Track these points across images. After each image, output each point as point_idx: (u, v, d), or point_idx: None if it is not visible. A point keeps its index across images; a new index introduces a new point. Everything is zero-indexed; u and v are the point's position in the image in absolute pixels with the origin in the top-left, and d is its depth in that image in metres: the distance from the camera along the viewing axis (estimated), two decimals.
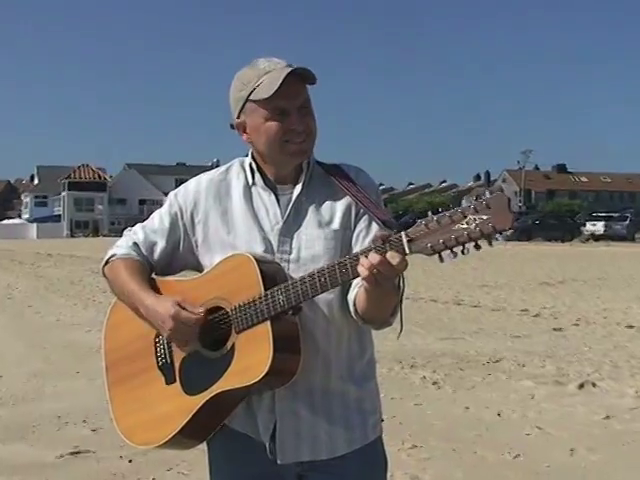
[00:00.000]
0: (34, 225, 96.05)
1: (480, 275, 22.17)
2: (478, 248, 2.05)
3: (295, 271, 2.40)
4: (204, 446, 2.58)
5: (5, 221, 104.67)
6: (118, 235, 2.93)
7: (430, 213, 2.10)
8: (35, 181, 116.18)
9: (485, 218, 2.01)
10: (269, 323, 2.29)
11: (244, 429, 2.47)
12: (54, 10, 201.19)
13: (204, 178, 2.59)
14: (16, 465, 5.68)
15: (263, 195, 2.50)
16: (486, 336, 11.33)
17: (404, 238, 2.11)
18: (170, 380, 2.47)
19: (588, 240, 55.39)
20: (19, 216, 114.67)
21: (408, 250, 2.11)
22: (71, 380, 8.51)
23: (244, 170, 2.54)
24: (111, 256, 2.59)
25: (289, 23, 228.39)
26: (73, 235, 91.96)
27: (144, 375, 2.53)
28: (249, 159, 2.54)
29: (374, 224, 2.42)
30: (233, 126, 2.50)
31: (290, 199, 2.47)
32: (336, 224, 2.45)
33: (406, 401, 7.41)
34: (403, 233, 2.12)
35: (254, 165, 2.52)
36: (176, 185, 2.75)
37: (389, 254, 2.12)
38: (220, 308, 2.39)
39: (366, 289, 2.22)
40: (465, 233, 2.03)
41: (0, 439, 6.32)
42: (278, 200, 2.49)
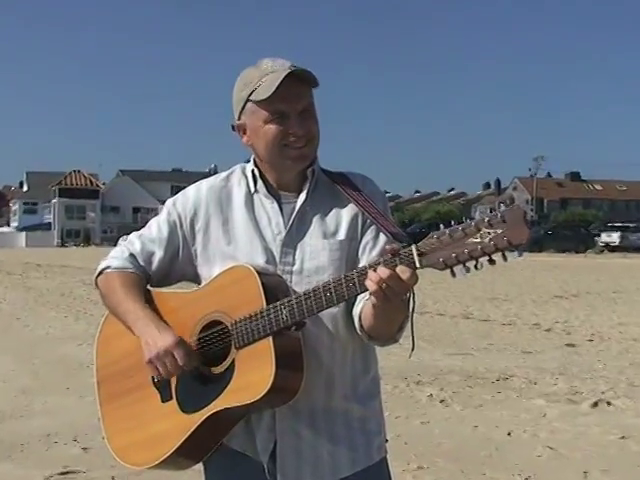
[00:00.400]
0: (23, 234, 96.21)
1: (490, 287, 22.14)
2: (492, 263, 2.04)
3: (298, 283, 2.40)
4: (200, 466, 2.57)
5: None
6: (111, 244, 2.93)
7: (442, 226, 2.10)
8: (24, 187, 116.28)
9: (500, 232, 2.01)
10: (271, 339, 2.29)
11: (242, 448, 2.47)
12: (42, 9, 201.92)
13: (204, 185, 2.59)
14: None
15: (265, 203, 2.50)
16: (496, 352, 11.31)
17: (415, 252, 2.11)
18: (166, 397, 2.47)
19: (603, 251, 55.36)
20: (7, 224, 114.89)
21: (419, 264, 2.11)
22: (61, 396, 8.49)
23: (246, 177, 2.54)
24: (105, 267, 2.58)
25: (291, 27, 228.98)
26: (64, 244, 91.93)
27: (138, 392, 2.52)
28: (251, 165, 2.54)
29: (381, 235, 2.43)
30: (234, 127, 2.51)
31: (294, 208, 2.47)
32: (342, 235, 2.45)
33: (412, 420, 7.40)
34: (414, 246, 2.12)
35: (256, 172, 2.52)
36: (172, 192, 2.75)
37: (399, 268, 2.12)
38: (219, 323, 2.39)
39: (374, 304, 2.22)
40: (479, 247, 2.03)
41: None
42: (281, 209, 2.49)
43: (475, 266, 2.06)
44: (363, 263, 2.38)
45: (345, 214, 2.47)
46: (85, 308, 17.28)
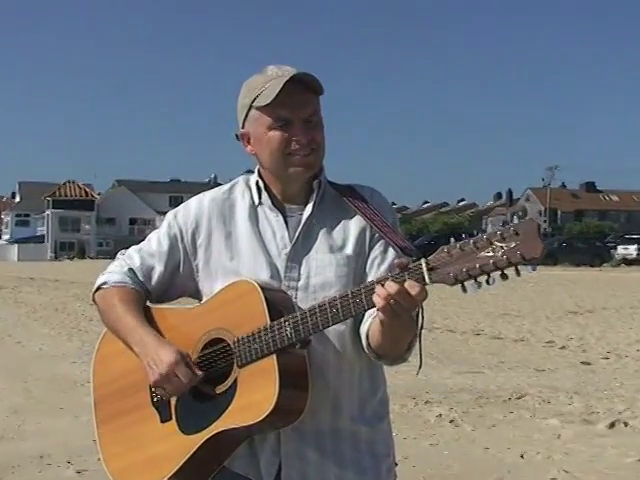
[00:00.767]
0: (15, 246, 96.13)
1: (502, 303, 22.11)
2: (505, 278, 2.05)
3: (303, 300, 2.40)
4: None
5: None
6: (106, 257, 2.94)
7: (452, 239, 2.11)
8: (16, 198, 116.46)
9: (513, 246, 2.02)
10: (275, 357, 2.29)
11: (245, 472, 2.46)
12: (36, 16, 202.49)
13: (206, 197, 2.59)
14: None
15: (270, 216, 2.51)
16: (508, 370, 11.30)
17: (424, 266, 2.12)
18: (165, 418, 2.47)
19: (620, 265, 55.33)
20: None
21: (429, 279, 2.12)
22: (54, 417, 8.49)
23: (250, 188, 2.55)
24: (103, 282, 2.59)
25: (294, 33, 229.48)
26: (57, 257, 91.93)
27: (137, 412, 2.53)
28: (255, 176, 2.55)
29: (390, 250, 2.43)
30: (238, 136, 2.52)
31: (299, 221, 2.48)
32: (349, 249, 2.46)
33: (420, 441, 7.39)
34: (423, 261, 2.13)
35: (261, 183, 2.53)
36: (170, 203, 2.77)
37: (408, 283, 2.13)
38: (221, 340, 2.39)
39: (382, 321, 2.22)
40: (491, 262, 2.04)
41: None
42: (286, 222, 2.49)
43: (487, 281, 2.06)
44: (371, 279, 2.38)
45: (353, 228, 2.47)
46: (79, 325, 17.29)
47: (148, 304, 2.58)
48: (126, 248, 2.68)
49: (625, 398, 9.28)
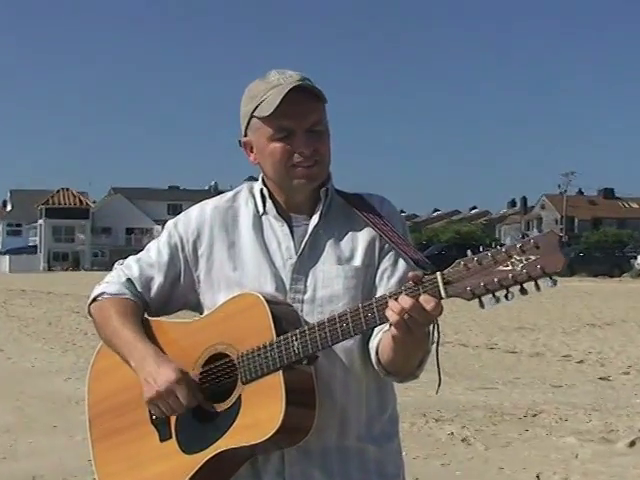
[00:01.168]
0: (6, 257, 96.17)
1: (516, 315, 22.10)
2: (524, 293, 2.05)
3: (310, 313, 2.41)
4: None
5: None
6: (102, 269, 2.94)
7: (469, 252, 2.11)
8: (8, 207, 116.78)
9: (533, 259, 2.02)
10: (281, 373, 2.29)
11: None
12: (29, 22, 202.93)
13: (208, 205, 2.60)
14: None
15: (275, 226, 2.51)
16: (523, 386, 11.29)
17: (440, 280, 2.12)
18: (165, 436, 2.47)
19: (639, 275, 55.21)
20: None
21: (444, 294, 2.12)
22: (48, 436, 8.50)
23: (254, 197, 2.56)
24: (100, 294, 2.58)
25: (296, 36, 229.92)
26: (51, 268, 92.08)
27: (134, 430, 2.52)
28: (259, 184, 2.55)
29: (401, 262, 2.43)
30: (241, 144, 2.53)
31: (306, 231, 2.48)
32: (357, 260, 2.45)
33: (431, 460, 7.38)
34: (439, 274, 2.13)
35: (265, 191, 2.53)
36: (168, 211, 2.77)
37: (422, 298, 2.12)
38: (224, 355, 2.39)
39: (394, 336, 2.21)
40: (510, 276, 2.04)
41: None
42: (292, 232, 2.49)
43: (506, 296, 2.06)
44: (381, 292, 2.39)
45: (361, 238, 2.47)
46: (74, 339, 17.30)
47: (147, 317, 2.57)
48: (124, 258, 2.68)
49: None
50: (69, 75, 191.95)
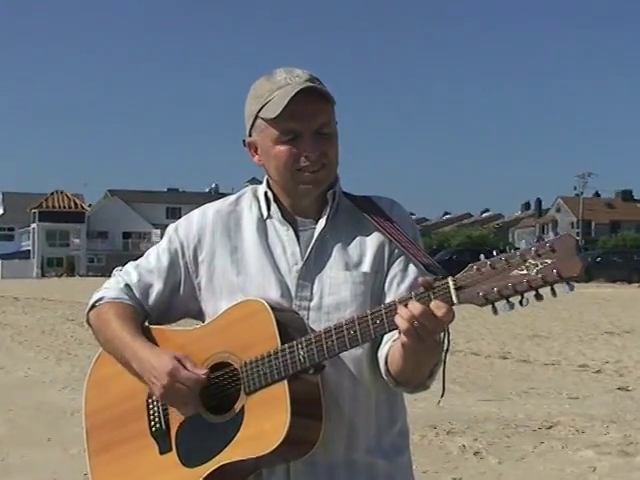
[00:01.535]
0: None
1: (531, 323, 22.06)
2: (539, 299, 2.05)
3: (316, 321, 2.40)
4: None
5: None
6: (98, 274, 2.95)
7: (482, 256, 2.11)
8: (0, 210, 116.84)
9: (549, 263, 2.02)
10: (286, 383, 2.29)
11: None
12: (24, 24, 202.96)
13: (210, 209, 2.60)
14: None
15: (280, 230, 2.51)
16: (538, 396, 11.27)
17: (451, 285, 2.12)
18: (165, 449, 2.47)
19: None
20: None
21: (456, 300, 2.12)
22: (41, 449, 8.49)
23: (258, 200, 2.56)
24: (98, 300, 2.59)
25: (297, 39, 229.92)
26: (44, 274, 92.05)
27: (133, 442, 2.53)
28: (264, 187, 2.55)
29: (411, 267, 2.43)
30: (245, 143, 2.53)
31: (312, 235, 2.48)
32: (366, 266, 2.45)
33: (442, 475, 7.38)
34: (450, 279, 2.13)
35: (270, 194, 2.53)
36: (167, 215, 2.77)
37: (433, 304, 2.12)
38: (227, 364, 2.39)
39: (403, 344, 2.21)
40: (525, 280, 2.04)
41: None
42: (298, 236, 2.49)
43: (520, 302, 2.06)
44: (390, 298, 2.38)
45: (370, 243, 2.47)
46: (69, 348, 17.29)
47: (148, 325, 2.57)
48: (122, 264, 2.69)
49: None
50: (64, 74, 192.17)
